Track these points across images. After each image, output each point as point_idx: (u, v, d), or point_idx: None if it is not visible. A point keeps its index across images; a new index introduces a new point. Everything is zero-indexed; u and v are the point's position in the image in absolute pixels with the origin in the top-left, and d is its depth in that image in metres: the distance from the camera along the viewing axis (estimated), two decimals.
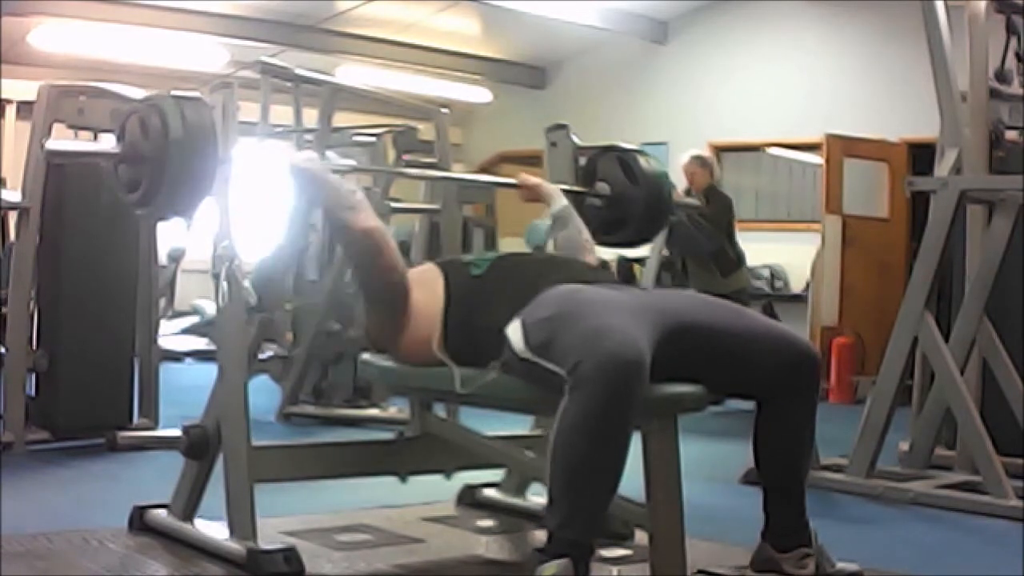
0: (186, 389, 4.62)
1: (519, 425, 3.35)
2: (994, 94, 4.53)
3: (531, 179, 3.40)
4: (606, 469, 2.34)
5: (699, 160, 7.18)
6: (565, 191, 3.47)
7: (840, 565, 2.69)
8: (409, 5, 9.60)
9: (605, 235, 3.54)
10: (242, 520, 2.82)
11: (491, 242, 8.46)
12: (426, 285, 2.79)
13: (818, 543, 2.68)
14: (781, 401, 2.65)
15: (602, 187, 3.50)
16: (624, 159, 3.49)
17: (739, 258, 6.96)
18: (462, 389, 2.64)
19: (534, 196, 3.39)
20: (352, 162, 7.08)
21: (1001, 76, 4.64)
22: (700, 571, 2.75)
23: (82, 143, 3.00)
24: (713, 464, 4.55)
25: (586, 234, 3.30)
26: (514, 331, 2.53)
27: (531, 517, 3.34)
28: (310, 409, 5.95)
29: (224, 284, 2.94)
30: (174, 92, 2.84)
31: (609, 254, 8.62)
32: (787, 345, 2.66)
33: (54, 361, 4.62)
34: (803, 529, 2.69)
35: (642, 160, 3.49)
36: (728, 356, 2.61)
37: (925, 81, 4.40)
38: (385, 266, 2.76)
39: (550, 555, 2.32)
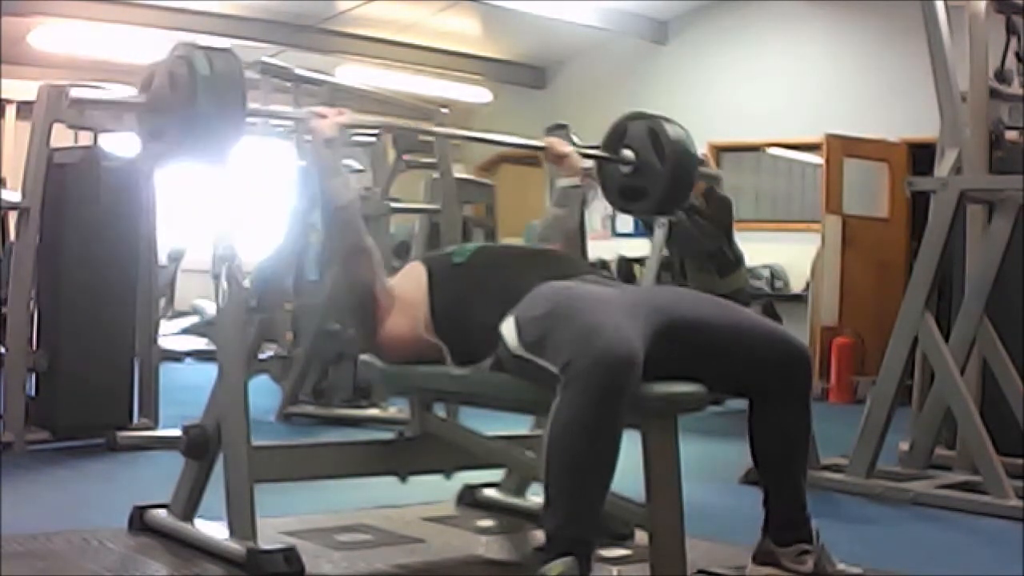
0: (186, 389, 4.62)
1: (519, 425, 3.35)
2: (994, 94, 4.53)
3: (563, 147, 3.33)
4: (600, 466, 2.35)
5: None
6: (590, 155, 3.45)
7: (841, 566, 2.69)
8: (409, 5, 9.60)
9: (627, 202, 3.52)
10: (242, 520, 2.82)
11: (491, 242, 8.45)
12: (410, 279, 2.87)
13: (820, 542, 2.68)
14: (774, 398, 2.66)
15: (627, 154, 3.46)
16: (652, 127, 3.46)
17: (738, 259, 6.96)
18: (454, 371, 2.67)
19: (557, 163, 3.33)
20: (353, 162, 7.09)
21: (1001, 76, 4.64)
22: (700, 571, 2.75)
23: (107, 92, 2.95)
24: (713, 464, 4.55)
25: (574, 223, 3.32)
26: (508, 328, 2.55)
27: (531, 517, 3.34)
28: (310, 409, 5.96)
29: (224, 284, 2.94)
30: (205, 47, 2.80)
31: (609, 253, 8.67)
32: (778, 342, 2.67)
33: (54, 361, 4.61)
34: (803, 525, 2.70)
35: (669, 129, 3.45)
36: (720, 352, 2.62)
37: (925, 81, 4.40)
38: (352, 246, 2.85)
39: (553, 554, 2.33)
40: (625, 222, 9.67)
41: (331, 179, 2.89)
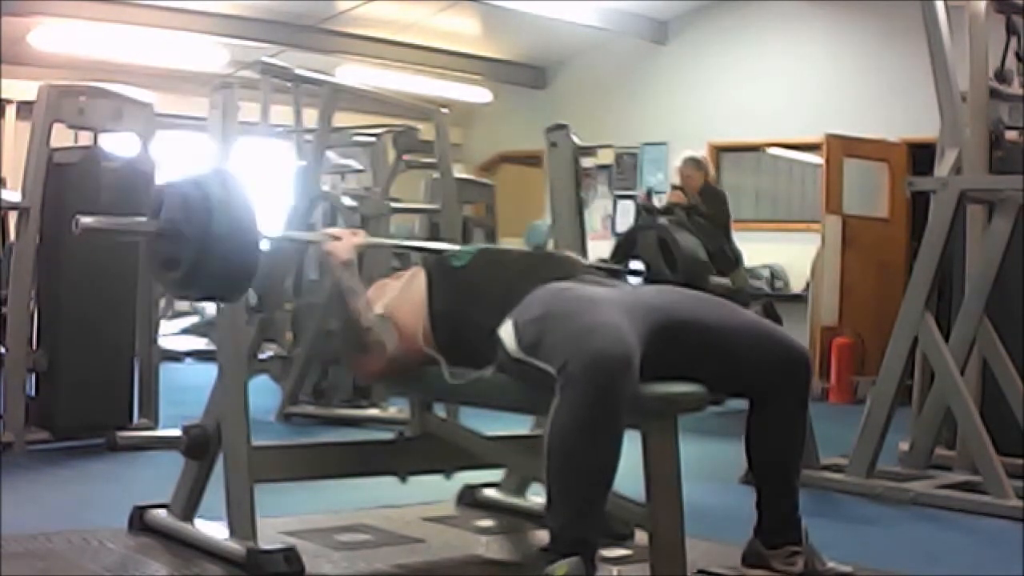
0: (186, 389, 4.62)
1: (519, 425, 3.35)
2: (994, 94, 4.53)
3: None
4: (600, 466, 2.36)
5: (694, 162, 7.19)
6: (600, 268, 3.44)
7: (831, 564, 2.69)
8: (409, 5, 9.60)
9: None
10: (242, 520, 2.82)
11: (491, 242, 8.46)
12: (409, 285, 2.87)
13: (808, 542, 2.69)
14: (772, 400, 2.67)
15: (637, 265, 3.46)
16: (661, 236, 3.44)
17: (736, 257, 6.95)
18: (452, 380, 2.67)
19: None
20: (353, 162, 7.10)
21: (1001, 76, 4.64)
22: (700, 571, 2.75)
23: (119, 220, 2.83)
24: (713, 464, 4.55)
25: None
26: (506, 332, 2.56)
27: (531, 517, 3.34)
28: (310, 409, 5.95)
29: None
30: (215, 168, 2.71)
31: (607, 253, 8.67)
32: (779, 345, 2.68)
33: (54, 361, 4.61)
34: (793, 527, 2.70)
35: (679, 238, 3.44)
36: (719, 353, 2.62)
37: (925, 81, 4.40)
38: (380, 364, 2.82)
39: (557, 554, 2.34)
40: (625, 222, 9.68)
41: (353, 301, 2.84)
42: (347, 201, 6.22)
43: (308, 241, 3.25)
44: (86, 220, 2.69)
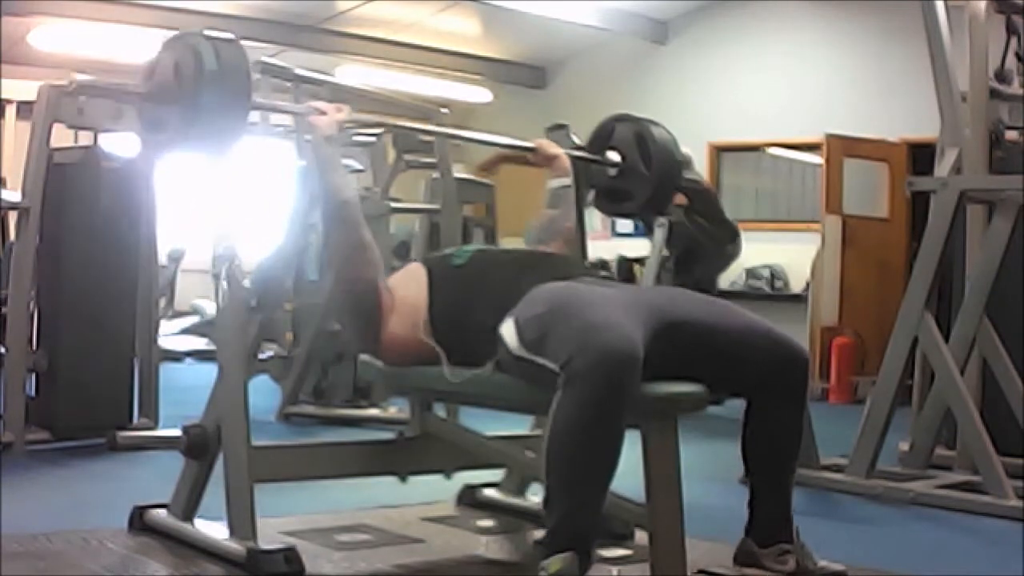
0: (186, 389, 4.62)
1: (519, 425, 3.35)
2: (994, 94, 4.53)
3: (552, 149, 3.35)
4: (601, 463, 2.36)
5: None
6: (578, 157, 3.46)
7: (823, 563, 2.69)
8: (409, 5, 9.60)
9: (610, 204, 3.53)
10: (242, 520, 2.82)
11: (491, 242, 8.45)
12: (410, 279, 2.86)
13: (800, 540, 2.69)
14: (770, 400, 2.67)
15: (613, 155, 3.47)
16: (638, 131, 3.46)
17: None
18: (452, 378, 2.67)
19: (547, 164, 3.33)
20: (353, 162, 7.09)
21: (1001, 76, 4.64)
22: (700, 571, 2.75)
23: (113, 83, 2.89)
24: (713, 464, 4.54)
25: (570, 222, 3.31)
26: (508, 329, 2.56)
27: (531, 517, 3.34)
28: (310, 409, 5.96)
29: (224, 284, 2.94)
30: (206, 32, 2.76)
31: (609, 253, 8.68)
32: (778, 345, 2.68)
33: (54, 361, 4.61)
34: (785, 525, 2.71)
35: (655, 131, 3.46)
36: (719, 353, 2.63)
37: (925, 81, 4.40)
38: (355, 242, 2.80)
39: (552, 549, 2.34)
40: (625, 222, 9.68)
41: (331, 175, 2.87)
42: None
43: (295, 113, 3.24)
44: (81, 77, 2.73)
